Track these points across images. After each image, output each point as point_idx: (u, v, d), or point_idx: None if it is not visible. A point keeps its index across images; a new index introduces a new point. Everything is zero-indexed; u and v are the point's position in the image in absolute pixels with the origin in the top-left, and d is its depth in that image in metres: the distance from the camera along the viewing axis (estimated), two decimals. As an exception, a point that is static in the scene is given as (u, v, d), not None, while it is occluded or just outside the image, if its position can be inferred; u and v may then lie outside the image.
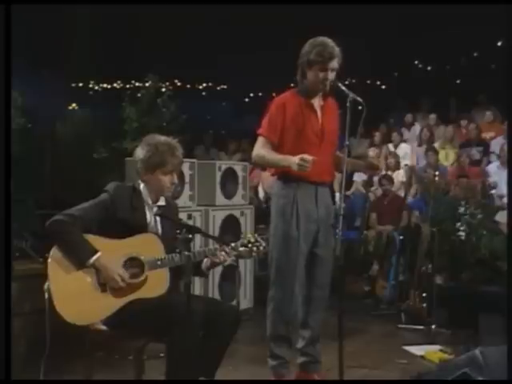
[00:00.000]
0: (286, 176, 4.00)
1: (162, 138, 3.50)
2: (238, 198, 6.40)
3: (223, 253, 3.42)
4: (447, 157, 9.27)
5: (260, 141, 4.02)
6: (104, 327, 3.23)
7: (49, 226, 3.23)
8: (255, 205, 7.19)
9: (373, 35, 11.63)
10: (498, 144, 8.74)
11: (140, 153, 3.47)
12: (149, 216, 3.47)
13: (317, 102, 4.06)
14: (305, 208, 4.00)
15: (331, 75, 3.91)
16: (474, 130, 9.21)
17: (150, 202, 3.48)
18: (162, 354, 3.35)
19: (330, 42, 3.93)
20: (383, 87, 14.93)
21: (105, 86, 16.06)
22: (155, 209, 3.48)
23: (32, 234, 5.87)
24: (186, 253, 3.24)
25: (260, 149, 3.98)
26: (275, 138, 3.98)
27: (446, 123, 10.04)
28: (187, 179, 5.78)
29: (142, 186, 3.49)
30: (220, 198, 6.19)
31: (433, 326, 5.67)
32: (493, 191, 7.81)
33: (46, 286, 3.18)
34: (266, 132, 4.00)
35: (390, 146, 9.62)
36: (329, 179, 4.15)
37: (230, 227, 6.17)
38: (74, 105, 13.74)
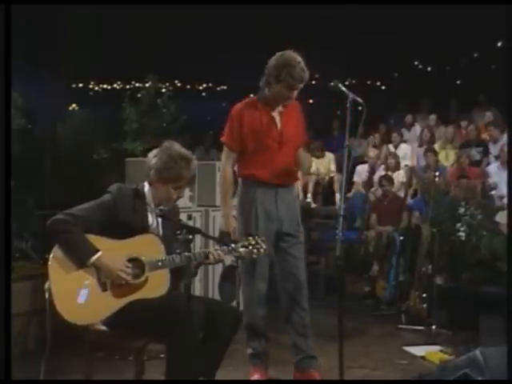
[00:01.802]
0: (246, 179, 4.18)
1: (182, 152, 3.43)
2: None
3: (219, 252, 3.43)
4: (447, 157, 9.26)
5: (225, 150, 4.23)
6: (104, 327, 3.23)
7: (50, 225, 3.22)
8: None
9: (373, 36, 11.62)
10: (495, 147, 8.75)
11: (157, 162, 3.42)
12: (151, 218, 3.47)
13: (276, 109, 4.17)
14: (264, 208, 4.14)
15: (295, 94, 4.07)
16: (473, 131, 9.22)
17: (152, 205, 3.48)
18: (162, 355, 3.35)
19: (301, 62, 3.99)
20: (383, 88, 14.93)
21: (105, 86, 16.06)
22: (157, 210, 3.48)
23: (32, 234, 5.88)
24: (187, 254, 3.24)
25: (227, 167, 4.19)
26: (235, 146, 4.17)
27: (446, 124, 10.04)
28: (187, 180, 5.77)
29: (146, 188, 3.47)
30: (220, 199, 6.18)
31: (433, 327, 5.66)
32: (493, 192, 7.81)
33: (46, 286, 3.18)
34: (227, 140, 4.19)
35: (390, 147, 9.62)
36: (290, 181, 4.27)
37: (230, 228, 6.16)
38: (74, 105, 13.74)
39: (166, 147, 3.46)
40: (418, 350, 5.08)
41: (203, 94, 16.92)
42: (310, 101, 11.04)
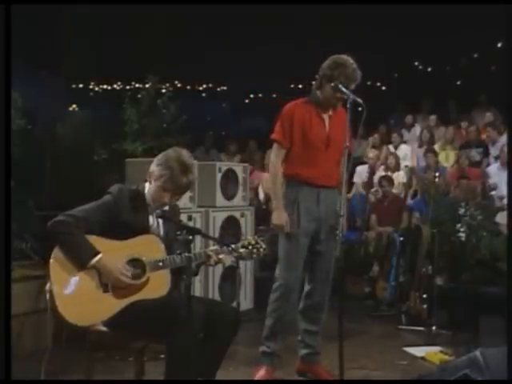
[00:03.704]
0: (290, 178, 4.23)
1: (183, 160, 3.37)
2: (238, 199, 6.40)
3: (216, 256, 3.44)
4: (447, 158, 9.26)
5: (275, 147, 4.29)
6: (104, 328, 3.23)
7: (50, 226, 3.22)
8: (255, 206, 7.19)
9: (373, 36, 11.61)
10: (494, 148, 8.75)
11: (157, 164, 3.40)
12: (151, 219, 3.47)
13: (325, 112, 4.25)
14: (305, 207, 4.19)
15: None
16: (473, 132, 9.22)
17: (153, 206, 3.47)
18: (162, 356, 3.35)
19: (354, 64, 4.09)
20: (383, 88, 14.91)
21: (105, 87, 16.04)
22: (158, 211, 3.47)
23: (32, 235, 5.87)
24: (187, 254, 3.23)
25: (277, 164, 4.24)
26: (287, 143, 4.22)
27: (447, 124, 10.04)
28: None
29: (147, 189, 3.47)
30: (220, 200, 6.19)
31: (433, 328, 5.67)
32: (493, 192, 7.81)
33: (47, 287, 3.18)
34: (278, 137, 4.24)
35: (391, 147, 9.62)
36: (332, 184, 4.28)
37: (231, 228, 6.17)
38: (74, 106, 13.72)
39: (173, 150, 3.44)
40: (418, 351, 5.08)
41: (203, 94, 16.89)
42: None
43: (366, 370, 4.58)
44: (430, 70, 14.12)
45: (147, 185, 3.47)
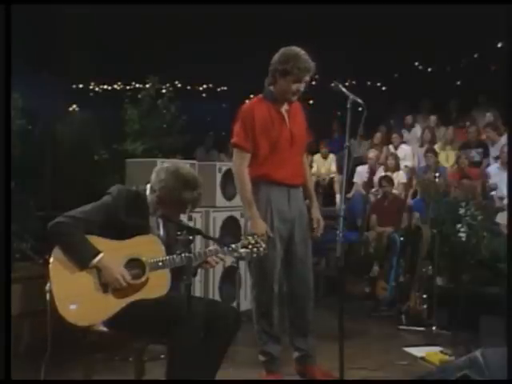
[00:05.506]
0: (259, 179, 4.08)
1: (186, 177, 3.35)
2: (238, 199, 6.37)
3: (214, 257, 3.44)
4: (447, 158, 9.27)
5: (237, 153, 4.09)
6: (104, 328, 3.24)
7: (51, 227, 3.23)
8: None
9: (373, 36, 11.61)
10: (494, 148, 8.76)
11: (161, 184, 3.37)
12: (152, 220, 3.47)
13: (283, 107, 4.14)
14: (278, 209, 4.09)
15: (303, 87, 4.01)
16: (473, 132, 9.22)
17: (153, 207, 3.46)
18: (162, 356, 3.35)
19: (305, 54, 3.99)
20: (383, 88, 14.90)
21: (105, 87, 16.03)
22: (158, 212, 3.46)
23: (32, 235, 5.88)
24: (187, 254, 3.23)
25: (243, 169, 4.04)
26: (250, 148, 4.05)
27: (447, 124, 10.05)
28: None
29: (148, 191, 3.47)
30: (220, 200, 6.19)
31: (433, 328, 5.67)
32: (493, 193, 7.81)
33: (47, 287, 3.18)
34: (239, 141, 4.06)
35: (391, 147, 9.62)
36: (299, 181, 4.23)
37: (231, 228, 6.17)
38: (74, 106, 13.72)
39: (173, 169, 3.40)
40: (418, 351, 5.07)
41: (203, 94, 16.87)
42: (310, 101, 11.04)
43: (366, 370, 4.57)
44: (430, 70, 14.11)
45: (148, 187, 3.47)
